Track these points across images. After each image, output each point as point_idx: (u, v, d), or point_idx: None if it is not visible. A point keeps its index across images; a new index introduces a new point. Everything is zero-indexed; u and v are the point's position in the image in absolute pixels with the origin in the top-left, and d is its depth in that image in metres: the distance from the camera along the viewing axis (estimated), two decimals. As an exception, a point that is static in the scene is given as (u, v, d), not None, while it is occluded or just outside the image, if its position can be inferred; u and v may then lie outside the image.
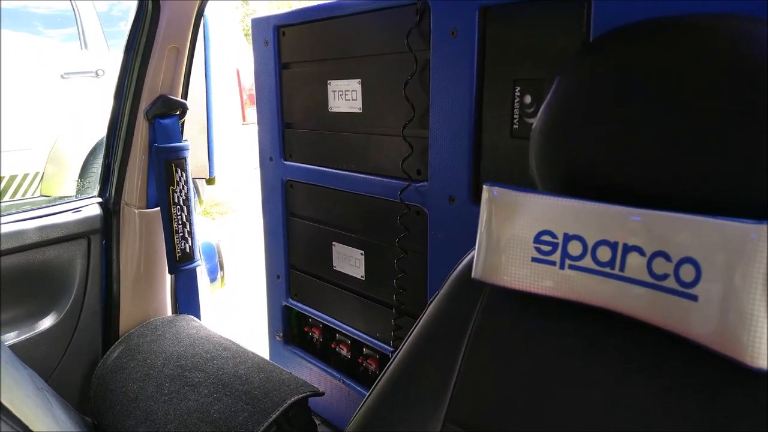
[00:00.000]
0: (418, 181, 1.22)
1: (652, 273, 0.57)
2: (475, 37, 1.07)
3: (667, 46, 0.58)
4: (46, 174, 3.98)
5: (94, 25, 4.20)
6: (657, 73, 0.58)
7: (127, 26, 1.50)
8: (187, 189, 1.60)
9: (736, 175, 0.53)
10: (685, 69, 0.56)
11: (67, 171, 4.04)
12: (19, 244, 1.41)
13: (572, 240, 0.63)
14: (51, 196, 3.99)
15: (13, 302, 1.43)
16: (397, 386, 0.77)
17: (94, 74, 4.08)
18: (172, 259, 1.60)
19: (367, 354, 1.47)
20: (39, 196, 3.99)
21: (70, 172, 4.04)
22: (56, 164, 4.00)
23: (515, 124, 1.04)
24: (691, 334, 0.54)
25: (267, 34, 1.54)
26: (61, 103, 3.96)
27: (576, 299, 0.62)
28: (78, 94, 4.02)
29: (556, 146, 0.66)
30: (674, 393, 0.56)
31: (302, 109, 1.52)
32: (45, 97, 3.90)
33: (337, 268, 1.49)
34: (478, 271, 0.70)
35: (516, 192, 0.67)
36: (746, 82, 0.53)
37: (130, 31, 1.49)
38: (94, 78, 4.08)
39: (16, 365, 1.14)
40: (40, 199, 3.98)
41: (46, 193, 4.00)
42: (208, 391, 1.26)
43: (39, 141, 3.91)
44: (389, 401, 0.77)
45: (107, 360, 1.48)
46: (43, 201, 3.95)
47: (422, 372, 0.75)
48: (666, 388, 0.56)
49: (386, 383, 0.79)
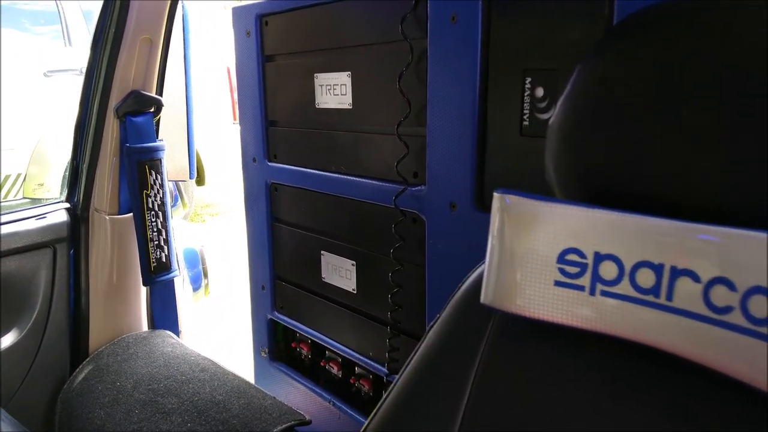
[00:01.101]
0: (415, 185, 1.11)
1: (710, 305, 0.46)
2: (478, 23, 0.96)
3: (714, 25, 0.48)
4: (29, 175, 3.91)
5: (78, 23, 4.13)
6: (702, 59, 0.48)
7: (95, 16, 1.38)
8: (162, 193, 1.47)
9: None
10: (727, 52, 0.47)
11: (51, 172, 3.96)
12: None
13: (605, 260, 0.52)
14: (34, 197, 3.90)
15: (-31, 319, 1.31)
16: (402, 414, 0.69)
17: (79, 72, 4.00)
18: (147, 270, 1.47)
19: (359, 374, 1.35)
20: (21, 198, 3.90)
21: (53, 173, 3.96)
22: (39, 165, 3.92)
23: (525, 120, 0.93)
24: (762, 382, 0.44)
25: (248, 24, 1.42)
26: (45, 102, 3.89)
27: (610, 333, 0.52)
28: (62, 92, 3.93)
29: (580, 146, 0.55)
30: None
31: (287, 105, 1.40)
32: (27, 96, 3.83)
33: (327, 279, 1.38)
34: (488, 296, 0.61)
35: (534, 200, 0.56)
36: None
37: (98, 21, 1.38)
38: (79, 76, 3.99)
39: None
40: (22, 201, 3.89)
41: (29, 195, 3.92)
42: (182, 420, 1.14)
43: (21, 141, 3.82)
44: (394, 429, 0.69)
45: (73, 381, 1.36)
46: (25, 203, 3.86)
47: (426, 406, 0.67)
48: None
49: (386, 414, 0.70)
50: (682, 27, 0.51)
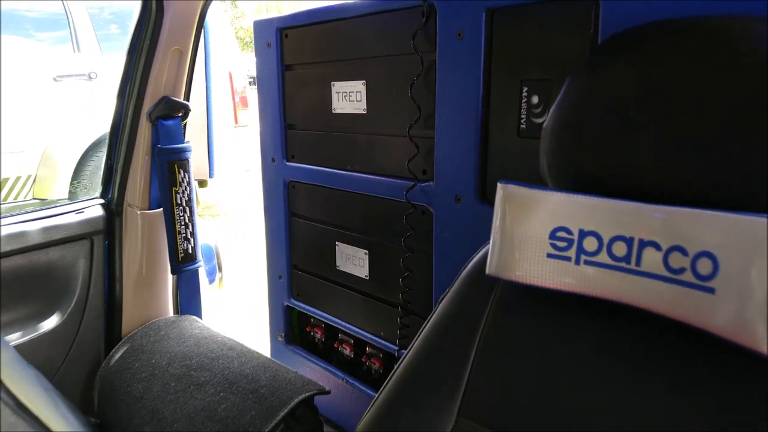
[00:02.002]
0: (424, 181, 1.23)
1: (668, 267, 0.58)
2: (481, 39, 1.08)
3: (678, 48, 0.60)
4: (39, 177, 3.97)
5: (86, 28, 4.19)
6: (668, 74, 0.59)
7: (131, 28, 1.50)
8: (189, 190, 1.60)
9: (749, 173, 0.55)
10: (695, 69, 0.58)
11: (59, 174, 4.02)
12: (22, 245, 1.41)
13: (588, 236, 0.64)
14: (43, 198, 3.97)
15: (16, 303, 1.43)
16: (410, 383, 0.78)
17: (87, 77, 4.07)
18: (175, 260, 1.60)
19: (370, 353, 1.48)
20: (31, 199, 3.97)
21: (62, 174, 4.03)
22: (48, 167, 3.98)
23: (522, 123, 1.05)
24: (708, 325, 0.55)
25: (269, 36, 1.55)
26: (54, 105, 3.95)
27: (592, 294, 0.63)
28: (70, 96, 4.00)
29: (568, 145, 0.67)
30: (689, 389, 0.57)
31: (305, 110, 1.52)
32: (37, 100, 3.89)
33: (341, 267, 1.50)
34: (492, 268, 0.71)
35: (530, 189, 0.68)
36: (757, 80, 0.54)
37: (134, 33, 1.49)
38: (87, 81, 4.06)
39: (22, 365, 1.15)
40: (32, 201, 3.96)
41: (39, 196, 3.99)
42: (214, 390, 1.26)
43: (31, 144, 3.89)
44: (402, 398, 0.78)
45: (111, 360, 1.48)
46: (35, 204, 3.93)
47: (435, 368, 0.76)
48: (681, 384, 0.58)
49: (398, 380, 0.79)
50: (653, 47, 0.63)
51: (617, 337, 0.63)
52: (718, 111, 0.56)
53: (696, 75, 0.58)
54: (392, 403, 0.79)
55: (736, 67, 0.56)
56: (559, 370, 0.65)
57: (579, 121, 0.66)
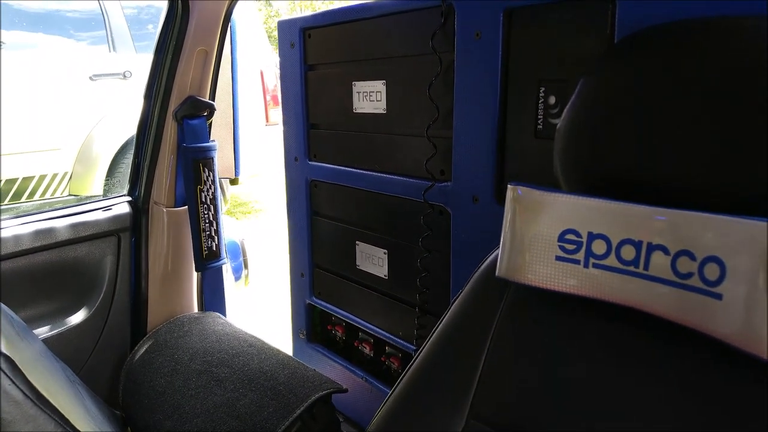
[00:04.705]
0: (442, 181, 1.23)
1: (676, 272, 0.57)
2: (499, 39, 1.07)
3: (690, 49, 0.59)
4: (75, 173, 4.06)
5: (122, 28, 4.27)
6: (681, 75, 0.59)
7: (157, 28, 1.53)
8: (214, 188, 1.63)
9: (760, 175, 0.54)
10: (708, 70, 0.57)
11: (95, 171, 4.12)
12: (51, 241, 1.45)
13: (596, 239, 0.64)
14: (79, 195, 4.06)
15: (45, 297, 1.47)
16: (421, 383, 0.79)
17: (122, 76, 4.15)
18: (199, 257, 1.63)
19: (389, 353, 1.49)
20: (68, 195, 4.07)
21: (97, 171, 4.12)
22: (84, 164, 4.07)
23: (539, 124, 1.04)
24: (714, 331, 0.54)
25: (293, 37, 1.56)
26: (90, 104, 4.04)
27: (600, 297, 0.63)
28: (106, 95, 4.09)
29: (580, 146, 0.67)
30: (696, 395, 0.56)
31: (327, 110, 1.54)
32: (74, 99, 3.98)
33: (361, 266, 1.51)
34: (502, 270, 0.71)
35: (540, 191, 0.68)
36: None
37: (160, 33, 1.52)
38: (122, 80, 4.15)
39: (50, 358, 1.18)
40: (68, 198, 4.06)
41: (75, 193, 4.08)
42: (234, 386, 1.28)
43: (68, 141, 3.99)
44: (413, 398, 0.78)
45: (135, 355, 1.51)
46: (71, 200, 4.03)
47: (445, 369, 0.76)
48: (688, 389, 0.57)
49: (410, 380, 0.80)
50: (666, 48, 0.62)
51: (627, 341, 0.63)
52: (731, 113, 0.55)
53: (708, 76, 0.57)
54: (403, 403, 0.80)
55: (750, 68, 0.55)
56: (569, 373, 0.65)
57: (589, 122, 0.66)
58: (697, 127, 0.57)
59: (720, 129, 0.55)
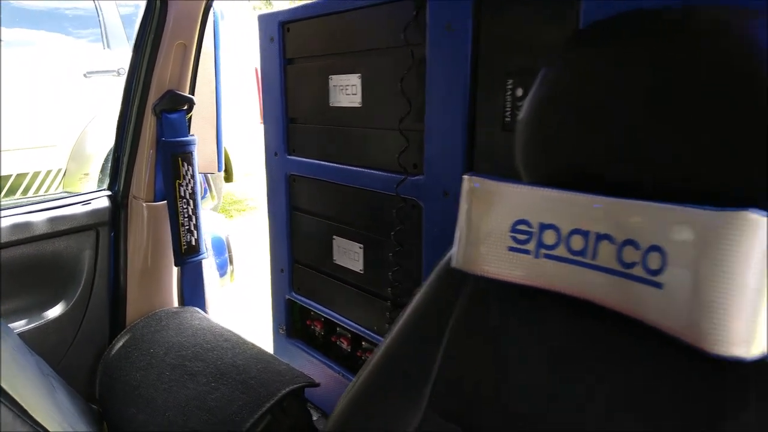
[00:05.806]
0: (414, 175, 1.23)
1: (621, 261, 0.56)
2: (469, 31, 1.07)
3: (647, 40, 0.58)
4: (69, 170, 4.07)
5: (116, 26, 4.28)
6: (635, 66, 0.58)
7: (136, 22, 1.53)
8: (193, 183, 1.62)
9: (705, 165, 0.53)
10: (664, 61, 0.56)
11: (89, 167, 4.12)
12: (29, 235, 1.45)
13: (547, 229, 0.63)
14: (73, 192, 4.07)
15: (23, 291, 1.47)
16: (380, 376, 0.78)
17: (116, 73, 4.16)
18: (178, 252, 1.63)
19: (366, 347, 1.48)
20: (62, 192, 4.07)
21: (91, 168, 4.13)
22: (78, 161, 4.08)
23: (507, 117, 1.04)
24: (655, 321, 0.54)
25: (272, 31, 1.56)
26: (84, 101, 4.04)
27: (550, 288, 0.62)
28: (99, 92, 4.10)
29: (537, 137, 0.66)
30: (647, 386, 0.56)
31: (305, 104, 1.53)
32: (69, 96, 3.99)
33: (338, 261, 1.51)
34: (459, 261, 0.71)
35: (494, 182, 0.67)
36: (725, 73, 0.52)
37: (139, 29, 1.52)
38: (116, 77, 4.16)
39: (22, 351, 1.18)
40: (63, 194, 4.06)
41: (69, 189, 4.09)
42: (206, 380, 1.28)
43: (62, 138, 3.99)
44: (372, 391, 0.78)
45: (112, 349, 1.51)
46: (65, 197, 4.02)
47: (404, 361, 0.76)
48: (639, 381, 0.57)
49: (370, 373, 0.79)
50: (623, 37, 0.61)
51: (584, 332, 0.62)
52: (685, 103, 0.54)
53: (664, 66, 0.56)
54: (362, 396, 0.79)
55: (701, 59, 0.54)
56: (526, 364, 0.64)
57: (545, 113, 0.65)
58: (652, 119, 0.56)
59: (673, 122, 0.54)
